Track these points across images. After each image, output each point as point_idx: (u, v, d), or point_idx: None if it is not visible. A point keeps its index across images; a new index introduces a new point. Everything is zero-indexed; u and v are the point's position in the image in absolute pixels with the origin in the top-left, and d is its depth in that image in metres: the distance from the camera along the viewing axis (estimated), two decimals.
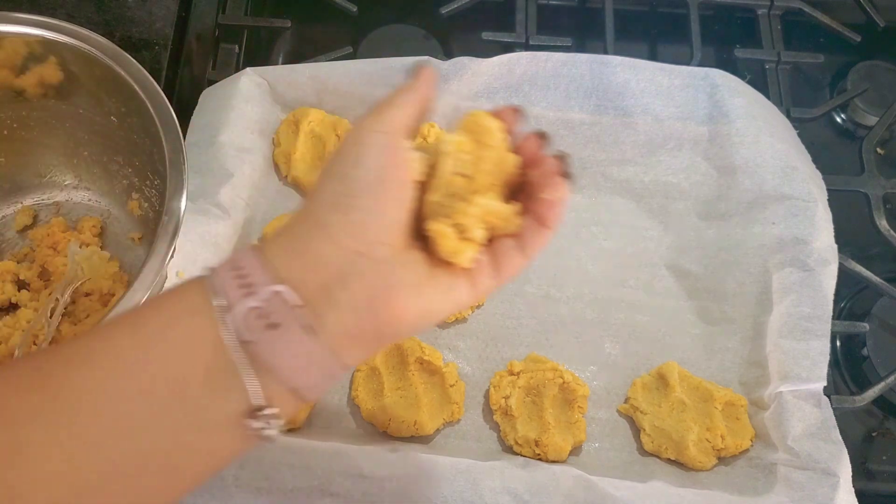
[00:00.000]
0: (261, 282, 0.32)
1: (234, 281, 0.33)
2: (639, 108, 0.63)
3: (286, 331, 0.32)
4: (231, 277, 0.33)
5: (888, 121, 0.69)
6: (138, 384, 0.31)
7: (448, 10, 0.73)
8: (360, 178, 0.34)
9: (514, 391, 0.55)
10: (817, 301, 0.56)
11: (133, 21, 0.69)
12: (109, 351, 0.32)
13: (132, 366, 0.32)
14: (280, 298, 0.32)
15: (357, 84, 0.63)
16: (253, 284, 0.32)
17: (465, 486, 0.49)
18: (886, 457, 0.59)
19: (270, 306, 0.32)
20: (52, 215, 0.64)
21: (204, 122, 0.61)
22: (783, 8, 0.75)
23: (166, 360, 0.32)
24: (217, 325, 0.32)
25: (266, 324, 0.32)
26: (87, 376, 0.31)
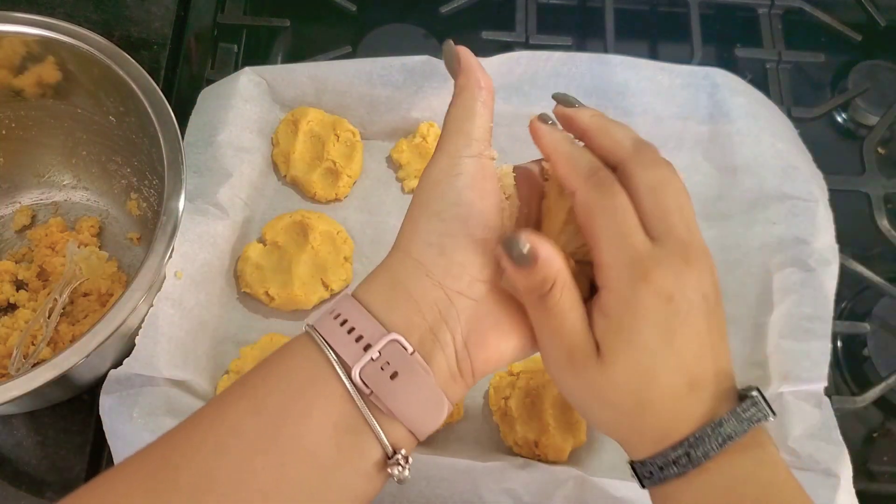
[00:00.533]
0: (374, 333, 0.33)
1: (346, 336, 0.33)
2: (639, 107, 0.63)
3: (406, 378, 0.33)
4: (342, 333, 0.33)
5: (889, 120, 0.69)
6: (270, 465, 0.31)
7: (448, 10, 0.73)
8: (454, 216, 0.35)
9: (513, 392, 0.55)
10: (818, 301, 0.55)
11: (132, 20, 0.69)
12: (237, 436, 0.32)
13: (262, 448, 0.32)
14: (396, 346, 0.33)
15: (356, 83, 0.63)
16: (364, 337, 0.33)
17: (464, 487, 0.49)
18: (887, 457, 0.59)
19: (388, 356, 0.33)
20: (50, 215, 0.64)
21: (202, 122, 0.61)
22: (784, 7, 0.75)
23: (295, 435, 0.32)
24: (338, 386, 0.32)
25: (388, 374, 0.33)
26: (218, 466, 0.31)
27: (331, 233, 0.60)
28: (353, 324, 0.34)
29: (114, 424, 0.50)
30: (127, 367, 0.50)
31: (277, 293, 0.57)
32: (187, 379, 0.53)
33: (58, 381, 0.46)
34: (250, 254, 0.59)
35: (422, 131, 0.63)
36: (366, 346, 0.33)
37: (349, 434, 0.32)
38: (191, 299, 0.54)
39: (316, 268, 0.59)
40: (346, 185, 0.63)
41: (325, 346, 0.33)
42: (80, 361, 0.46)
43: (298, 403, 0.32)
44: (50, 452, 0.55)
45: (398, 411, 0.33)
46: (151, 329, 0.51)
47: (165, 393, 0.51)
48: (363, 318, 0.34)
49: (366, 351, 0.33)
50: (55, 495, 0.53)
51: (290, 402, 0.32)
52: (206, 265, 0.56)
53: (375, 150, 0.65)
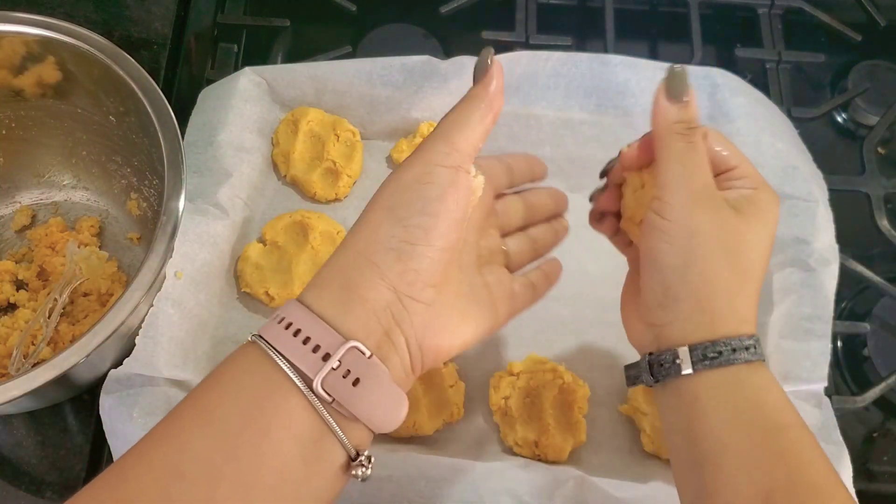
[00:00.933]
0: (332, 342, 0.33)
1: (302, 347, 0.33)
2: (639, 107, 0.63)
3: (369, 382, 0.33)
4: (297, 344, 0.33)
5: (889, 120, 0.69)
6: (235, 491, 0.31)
7: (448, 10, 0.73)
8: (419, 226, 0.35)
9: (513, 392, 0.55)
10: (818, 301, 0.55)
11: (132, 20, 0.69)
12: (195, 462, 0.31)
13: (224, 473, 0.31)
14: (355, 353, 0.33)
15: (356, 83, 0.63)
16: (322, 346, 0.33)
17: (464, 487, 0.49)
18: (887, 457, 0.59)
19: (348, 363, 0.33)
20: (50, 215, 0.64)
21: (202, 122, 0.61)
22: (784, 7, 0.75)
23: (257, 455, 0.31)
24: (298, 398, 0.32)
25: (351, 381, 0.33)
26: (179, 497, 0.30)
27: (331, 233, 0.60)
28: (308, 333, 0.33)
29: (114, 424, 0.50)
30: (127, 367, 0.50)
31: (277, 293, 0.57)
32: (187, 379, 0.53)
33: (58, 381, 0.46)
34: (250, 254, 0.59)
35: (422, 131, 0.63)
36: (325, 356, 0.33)
37: (312, 444, 0.32)
38: (191, 299, 0.54)
39: (316, 268, 0.59)
40: (346, 185, 0.63)
41: (280, 357, 0.33)
42: (80, 361, 0.46)
43: (257, 421, 0.32)
44: (50, 452, 0.55)
45: (363, 416, 0.33)
46: (151, 329, 0.51)
47: (165, 393, 0.51)
48: (318, 327, 0.33)
49: (325, 360, 0.33)
50: (55, 495, 0.53)
51: (247, 420, 0.32)
52: (206, 265, 0.56)
53: (375, 150, 0.66)
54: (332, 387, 0.33)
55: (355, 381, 0.33)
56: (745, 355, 0.36)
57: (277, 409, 0.32)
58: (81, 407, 0.56)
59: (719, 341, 0.37)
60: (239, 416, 0.32)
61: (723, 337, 0.37)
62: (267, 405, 0.32)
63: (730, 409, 0.36)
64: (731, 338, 0.37)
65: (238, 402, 0.32)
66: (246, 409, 0.32)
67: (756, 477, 0.34)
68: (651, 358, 0.39)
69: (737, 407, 0.36)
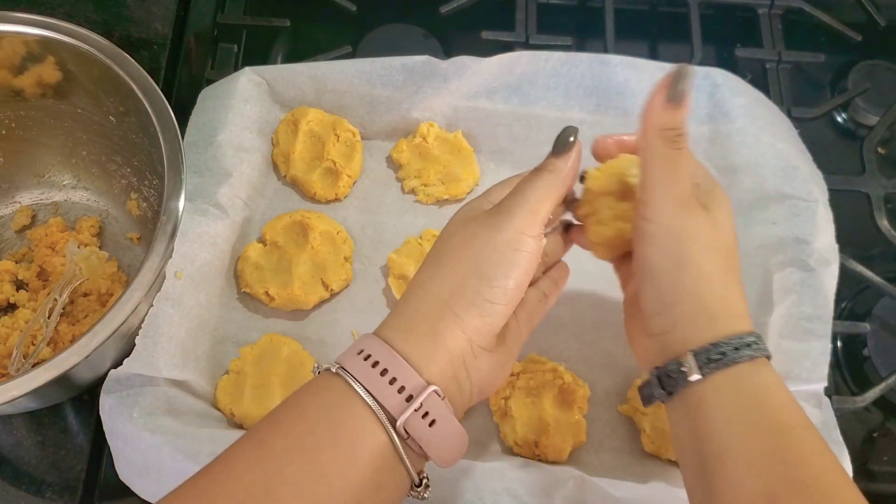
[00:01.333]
0: (416, 385, 0.36)
1: (389, 387, 0.36)
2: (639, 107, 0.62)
3: (441, 423, 0.37)
4: (384, 384, 0.36)
5: (889, 120, 0.69)
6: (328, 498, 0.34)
7: (448, 9, 0.73)
8: (504, 290, 0.38)
9: (513, 392, 0.55)
10: (818, 301, 0.55)
11: (132, 20, 0.69)
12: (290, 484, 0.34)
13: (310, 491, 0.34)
14: (434, 396, 0.37)
15: (356, 83, 0.63)
16: (406, 388, 0.36)
17: (464, 487, 0.49)
18: (888, 457, 0.59)
19: (427, 405, 0.36)
20: (50, 215, 0.64)
21: (202, 122, 0.61)
22: (784, 7, 0.75)
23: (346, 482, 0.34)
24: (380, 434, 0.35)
25: (427, 423, 0.36)
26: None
27: (331, 233, 0.60)
28: (395, 373, 0.36)
29: (114, 424, 0.50)
30: (127, 367, 0.50)
31: (277, 293, 0.57)
32: (187, 379, 0.53)
33: (58, 381, 0.46)
34: (250, 254, 0.59)
35: (422, 131, 0.63)
36: (408, 397, 0.36)
37: (387, 473, 0.36)
38: (191, 299, 0.54)
39: (316, 268, 0.59)
40: (346, 185, 0.63)
41: (368, 395, 0.36)
42: (80, 361, 0.46)
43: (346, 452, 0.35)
44: (50, 452, 0.55)
45: (433, 453, 0.37)
46: (151, 329, 0.51)
47: (165, 393, 0.51)
48: (404, 369, 0.37)
49: (408, 402, 0.36)
50: (55, 495, 0.53)
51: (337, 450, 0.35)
52: (206, 265, 0.56)
53: (375, 150, 0.66)
54: (410, 426, 0.36)
55: (431, 422, 0.36)
56: (748, 352, 0.37)
57: (364, 443, 0.35)
58: (81, 407, 0.56)
59: (721, 342, 0.37)
60: (330, 447, 0.35)
61: (723, 337, 0.37)
62: (356, 440, 0.35)
63: (733, 409, 0.36)
64: (731, 336, 0.37)
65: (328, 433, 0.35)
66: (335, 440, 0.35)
67: (760, 477, 0.34)
68: (658, 371, 0.39)
69: (740, 407, 0.36)
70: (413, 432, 0.36)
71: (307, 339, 0.58)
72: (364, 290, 0.60)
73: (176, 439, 0.49)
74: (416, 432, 0.36)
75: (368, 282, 0.60)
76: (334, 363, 0.38)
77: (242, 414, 0.53)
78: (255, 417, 0.53)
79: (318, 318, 0.59)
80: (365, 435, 0.35)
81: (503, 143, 0.64)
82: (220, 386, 0.55)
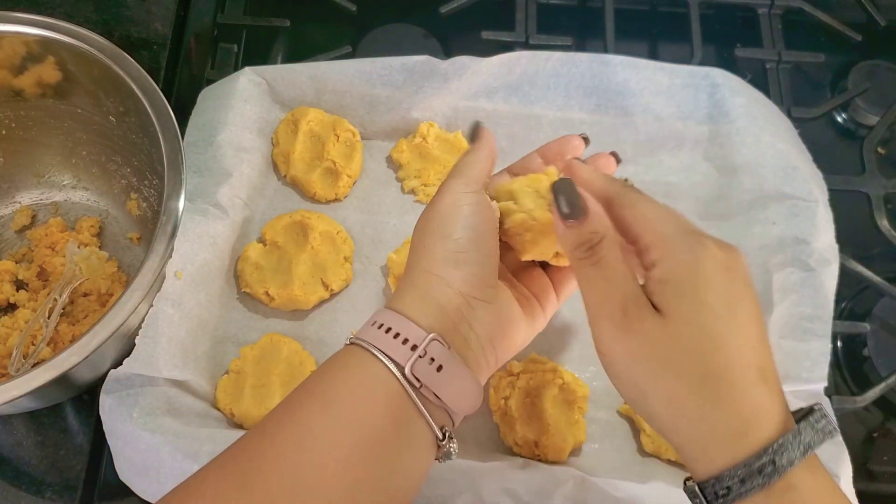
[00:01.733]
0: (417, 335, 0.39)
1: (393, 341, 0.39)
2: (639, 107, 0.63)
3: (450, 369, 0.39)
4: (389, 339, 0.39)
5: (889, 120, 0.69)
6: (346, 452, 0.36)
7: (448, 9, 0.73)
8: (464, 238, 0.41)
9: (513, 392, 0.55)
10: (818, 301, 0.55)
11: (132, 20, 0.69)
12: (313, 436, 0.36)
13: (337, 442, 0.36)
14: (437, 344, 0.39)
15: (356, 83, 0.63)
16: (410, 339, 0.39)
17: (464, 487, 0.49)
18: (888, 457, 0.59)
19: (432, 352, 0.39)
20: (50, 215, 0.64)
21: (202, 122, 0.61)
22: (784, 7, 0.75)
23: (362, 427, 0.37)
24: (394, 384, 0.38)
25: (435, 368, 0.38)
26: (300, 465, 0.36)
27: (331, 233, 0.60)
28: (398, 329, 0.39)
29: (114, 424, 0.50)
30: (127, 367, 0.50)
31: (277, 293, 0.57)
32: (187, 379, 0.53)
33: (58, 381, 0.46)
34: (250, 254, 0.59)
35: (422, 131, 0.63)
36: (413, 346, 0.39)
37: (405, 424, 0.38)
38: (191, 299, 0.54)
39: (316, 268, 0.59)
40: (345, 185, 0.63)
41: (378, 350, 0.38)
42: (80, 361, 0.46)
43: (366, 405, 0.37)
44: (50, 452, 0.55)
45: (446, 398, 0.39)
46: (151, 329, 0.51)
47: (165, 393, 0.51)
48: (405, 324, 0.39)
49: (413, 350, 0.38)
50: (55, 495, 0.53)
51: (357, 404, 0.37)
52: (206, 265, 0.56)
53: (375, 150, 0.66)
54: (419, 372, 0.38)
55: (439, 367, 0.38)
56: (759, 480, 0.32)
57: (379, 392, 0.38)
58: (81, 407, 0.56)
59: (723, 475, 0.32)
60: (350, 401, 0.37)
61: (724, 468, 0.32)
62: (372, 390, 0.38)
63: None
64: (734, 466, 0.32)
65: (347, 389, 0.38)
66: (353, 394, 0.38)
67: None
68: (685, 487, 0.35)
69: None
70: (423, 378, 0.38)
71: (307, 339, 0.58)
72: (364, 290, 0.60)
73: (176, 439, 0.49)
74: (425, 378, 0.38)
75: (368, 282, 0.60)
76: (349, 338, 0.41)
77: (242, 414, 0.53)
78: (255, 417, 0.53)
79: (318, 318, 0.59)
80: (379, 384, 0.38)
81: (503, 143, 0.64)
82: (220, 386, 0.55)
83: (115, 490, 0.52)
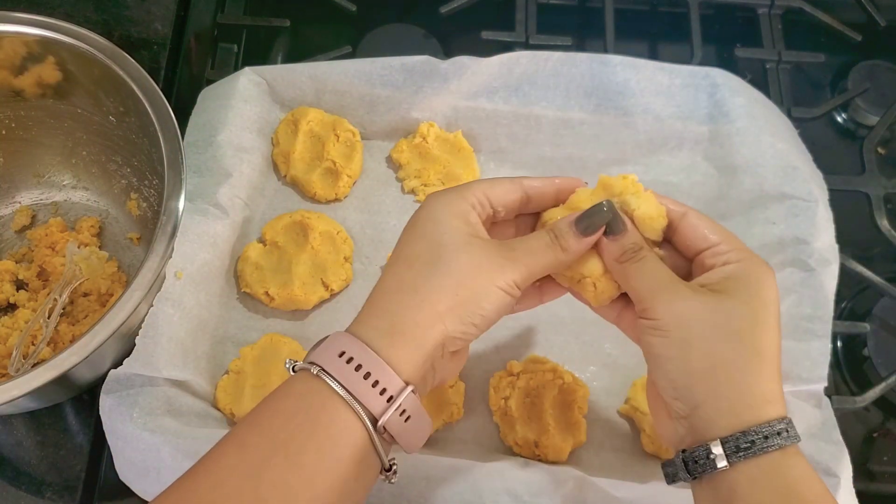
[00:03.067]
0: (395, 386, 0.38)
1: (372, 390, 0.37)
2: (639, 107, 0.63)
3: (416, 420, 0.39)
4: (368, 386, 0.37)
5: (889, 120, 0.69)
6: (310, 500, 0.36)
7: (448, 10, 0.73)
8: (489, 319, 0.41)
9: (513, 392, 0.55)
10: (818, 301, 0.55)
11: (132, 20, 0.69)
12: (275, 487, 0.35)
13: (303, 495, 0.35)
14: (411, 395, 0.38)
15: (356, 84, 0.63)
16: (388, 389, 0.38)
17: (464, 487, 0.49)
18: (887, 457, 0.59)
19: (405, 404, 0.38)
20: (50, 215, 0.64)
21: (202, 122, 0.61)
22: (784, 7, 0.75)
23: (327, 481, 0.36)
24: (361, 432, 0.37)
25: (404, 419, 0.38)
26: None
27: (331, 233, 0.60)
28: (377, 376, 0.38)
29: (114, 424, 0.50)
30: (127, 367, 0.50)
31: (277, 293, 0.57)
32: (187, 379, 0.53)
33: (58, 381, 0.46)
34: (250, 254, 0.59)
35: (422, 131, 0.63)
36: (389, 398, 0.38)
37: (364, 464, 0.38)
38: (191, 299, 0.54)
39: (316, 268, 0.59)
40: (346, 185, 0.63)
41: (352, 398, 0.37)
42: (80, 361, 0.46)
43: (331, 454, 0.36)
44: (50, 452, 0.55)
45: (405, 444, 0.39)
46: (151, 329, 0.51)
47: (165, 393, 0.51)
48: (384, 371, 0.38)
49: (389, 402, 0.37)
50: (55, 495, 0.53)
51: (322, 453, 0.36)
52: (206, 265, 0.56)
53: (375, 150, 0.66)
54: (389, 423, 0.38)
55: (407, 418, 0.38)
56: (778, 440, 0.36)
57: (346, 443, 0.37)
58: (81, 407, 0.56)
59: (750, 430, 0.36)
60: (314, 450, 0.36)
61: (752, 425, 0.37)
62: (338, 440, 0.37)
63: (767, 501, 0.36)
64: (760, 424, 0.37)
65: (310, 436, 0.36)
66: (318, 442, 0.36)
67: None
68: (685, 455, 0.39)
69: (775, 501, 0.36)
70: (391, 428, 0.38)
71: (307, 339, 0.58)
72: (364, 290, 0.60)
73: (176, 439, 0.49)
74: (393, 428, 0.38)
75: (368, 282, 0.60)
76: (311, 364, 0.38)
77: (242, 414, 0.53)
78: None
79: (318, 318, 0.59)
80: (346, 435, 0.37)
81: (503, 143, 0.64)
82: (220, 386, 0.55)
83: (115, 490, 0.52)
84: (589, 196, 0.44)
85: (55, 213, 0.64)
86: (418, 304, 0.39)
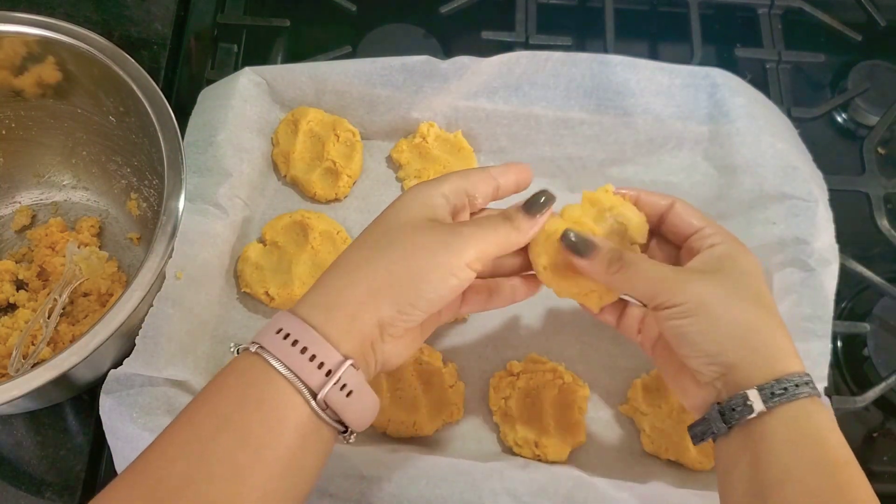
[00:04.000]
0: (333, 360, 0.38)
1: (309, 363, 0.38)
2: (639, 107, 0.63)
3: (358, 394, 0.39)
4: (305, 360, 0.38)
5: (889, 120, 0.69)
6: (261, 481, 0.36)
7: (448, 10, 0.73)
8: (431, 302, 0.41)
9: (513, 392, 0.55)
10: (818, 301, 0.55)
11: (132, 20, 0.69)
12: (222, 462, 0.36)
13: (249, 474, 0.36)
14: (350, 369, 0.39)
15: (356, 83, 0.63)
16: (325, 363, 0.38)
17: (464, 487, 0.49)
18: (888, 457, 0.59)
19: (345, 378, 0.38)
20: (50, 215, 0.64)
21: (202, 122, 0.61)
22: (784, 7, 0.75)
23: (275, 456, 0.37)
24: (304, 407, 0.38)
25: (345, 393, 0.38)
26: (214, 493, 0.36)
27: (330, 233, 0.60)
28: (314, 350, 0.38)
29: (114, 424, 0.50)
30: (127, 367, 0.50)
31: (277, 293, 0.57)
32: (187, 379, 0.53)
33: (58, 381, 0.46)
34: (250, 254, 0.59)
35: (422, 131, 0.63)
36: (327, 372, 0.38)
37: (312, 435, 0.38)
38: (191, 299, 0.54)
39: (316, 268, 0.59)
40: (345, 185, 0.63)
41: (290, 373, 0.38)
42: (80, 361, 0.46)
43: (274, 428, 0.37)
44: (50, 452, 0.55)
45: (350, 420, 0.39)
46: (151, 329, 0.51)
47: (165, 393, 0.51)
48: (322, 346, 0.38)
49: (328, 376, 0.38)
50: (55, 495, 0.53)
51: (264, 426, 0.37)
52: (206, 265, 0.56)
53: (375, 150, 0.66)
54: (330, 398, 0.38)
55: (349, 392, 0.38)
56: (807, 389, 0.40)
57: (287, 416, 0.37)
58: (81, 407, 0.56)
59: (783, 378, 0.40)
60: (257, 424, 0.37)
61: (783, 374, 0.40)
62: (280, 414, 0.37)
63: (797, 441, 0.39)
64: (791, 374, 0.40)
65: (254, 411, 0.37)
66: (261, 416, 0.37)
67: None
68: (721, 407, 0.41)
69: (803, 441, 0.39)
70: (332, 404, 0.38)
71: None
72: None
73: None
74: (335, 404, 0.38)
75: None
76: (252, 342, 0.39)
77: None
78: None
79: None
80: (288, 409, 0.37)
81: (503, 142, 0.64)
82: None
83: None
84: (578, 210, 0.46)
85: (55, 213, 0.64)
86: (356, 281, 0.40)
